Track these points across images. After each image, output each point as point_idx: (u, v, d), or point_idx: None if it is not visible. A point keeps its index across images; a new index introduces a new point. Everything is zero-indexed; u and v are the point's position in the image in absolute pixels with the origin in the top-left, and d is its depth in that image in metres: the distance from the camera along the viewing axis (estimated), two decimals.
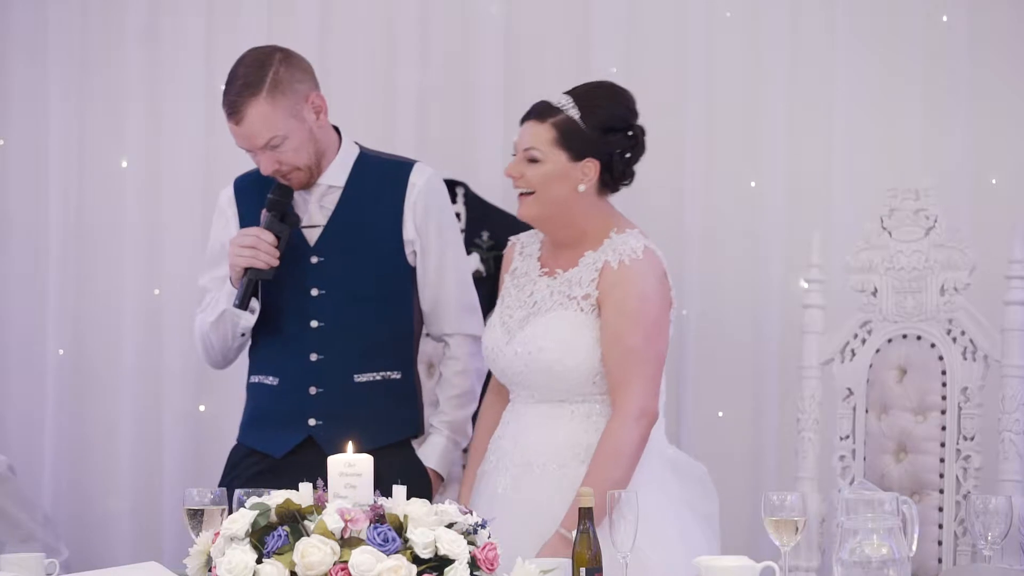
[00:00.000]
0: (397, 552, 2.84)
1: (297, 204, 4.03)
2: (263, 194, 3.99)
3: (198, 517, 3.26)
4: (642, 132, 3.85)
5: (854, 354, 4.37)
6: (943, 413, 4.22)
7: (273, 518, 2.90)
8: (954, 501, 4.17)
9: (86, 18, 5.34)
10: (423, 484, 3.99)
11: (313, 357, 4.00)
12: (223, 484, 3.98)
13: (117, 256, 5.30)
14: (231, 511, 3.09)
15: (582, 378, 3.76)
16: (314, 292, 4.01)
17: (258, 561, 2.85)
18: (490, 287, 4.77)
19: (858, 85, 4.86)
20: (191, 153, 5.23)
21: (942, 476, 4.20)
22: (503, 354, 3.83)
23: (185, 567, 3.02)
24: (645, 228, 3.87)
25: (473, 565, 2.89)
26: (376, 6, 5.20)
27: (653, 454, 3.76)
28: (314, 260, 4.01)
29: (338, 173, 4.04)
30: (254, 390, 4.11)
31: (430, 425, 4.12)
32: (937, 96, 4.80)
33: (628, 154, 3.82)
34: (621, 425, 3.69)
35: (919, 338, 4.28)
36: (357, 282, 4.00)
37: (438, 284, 4.07)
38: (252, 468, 4.03)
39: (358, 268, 4.00)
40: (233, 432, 4.16)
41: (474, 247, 4.85)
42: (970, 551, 4.11)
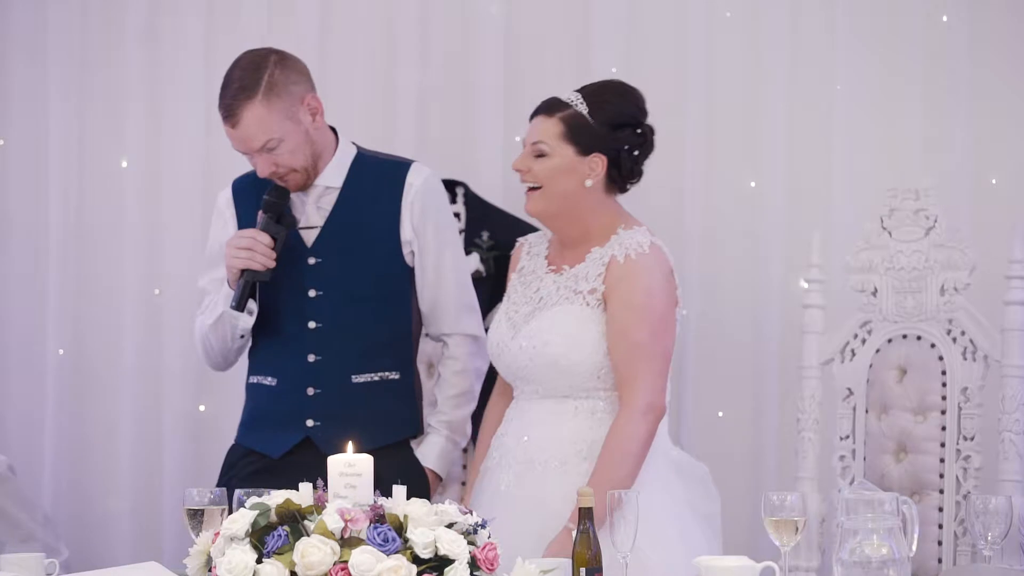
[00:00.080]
0: (397, 552, 2.84)
1: (294, 205, 4.03)
2: (261, 195, 3.99)
3: (198, 517, 3.26)
4: (651, 131, 3.85)
5: (854, 354, 4.37)
6: (943, 413, 4.22)
7: (273, 518, 2.90)
8: (954, 501, 4.17)
9: (86, 18, 5.34)
10: (421, 484, 3.99)
11: (311, 358, 4.00)
12: (221, 484, 3.99)
13: (117, 256, 5.30)
14: (231, 511, 3.09)
15: (587, 372, 3.75)
16: (312, 293, 4.00)
17: (258, 561, 2.85)
18: (490, 287, 4.77)
19: (858, 85, 4.85)
20: (191, 153, 5.23)
21: (942, 476, 4.20)
22: (508, 349, 3.83)
23: (185, 567, 3.02)
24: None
25: (473, 565, 2.89)
26: (376, 6, 5.19)
27: (658, 454, 3.75)
28: (311, 261, 4.01)
29: (335, 174, 4.04)
30: (253, 391, 4.11)
31: (428, 425, 4.12)
32: (937, 96, 4.79)
33: (636, 151, 3.81)
34: (628, 420, 3.68)
35: (919, 338, 4.28)
36: (355, 283, 4.00)
37: (436, 284, 4.07)
38: (249, 467, 4.03)
39: (355, 269, 3.99)
40: (233, 432, 4.16)
41: (474, 247, 4.85)
42: (970, 551, 4.10)
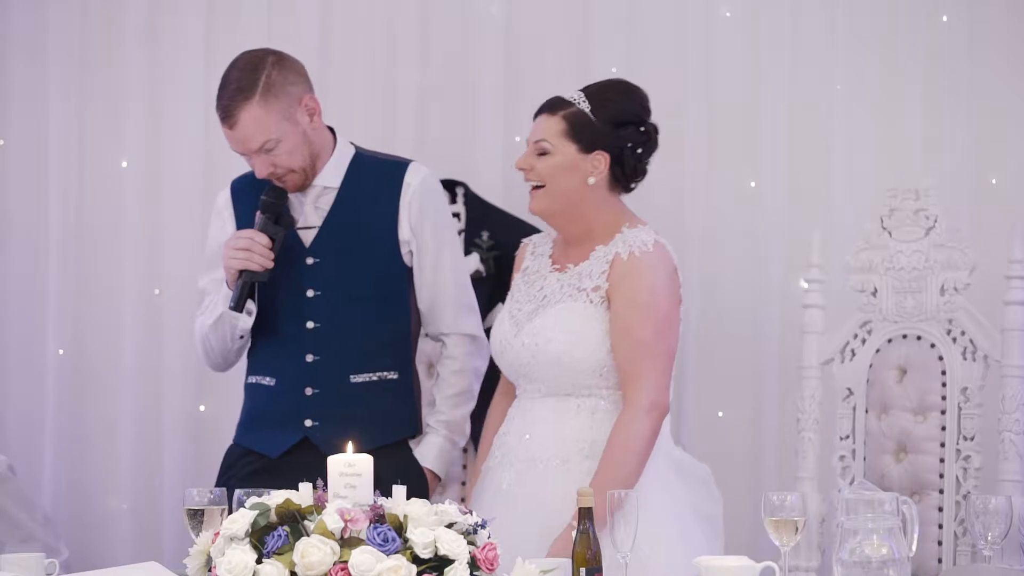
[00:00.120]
0: (397, 552, 2.84)
1: (293, 205, 4.03)
2: (259, 196, 3.98)
3: (198, 517, 3.26)
4: (654, 129, 3.84)
5: (854, 354, 4.37)
6: (943, 413, 4.22)
7: (273, 518, 2.90)
8: (954, 501, 4.17)
9: (86, 18, 5.34)
10: (420, 484, 3.98)
11: (309, 358, 4.00)
12: (219, 484, 3.98)
13: (117, 256, 5.30)
14: (231, 511, 3.09)
15: (589, 370, 3.75)
16: (310, 293, 4.00)
17: (258, 561, 2.85)
18: (490, 287, 4.77)
19: (858, 85, 4.85)
20: (191, 153, 5.23)
21: (942, 476, 4.20)
22: (511, 346, 3.83)
23: (185, 567, 3.02)
24: None
25: (473, 565, 2.89)
26: (376, 6, 5.19)
27: (659, 453, 3.75)
28: (310, 261, 4.01)
29: (333, 174, 4.04)
30: (251, 390, 4.11)
31: (427, 425, 4.11)
32: (937, 96, 4.79)
33: (639, 149, 3.81)
34: (632, 418, 3.68)
35: (919, 338, 4.28)
36: (353, 283, 4.00)
37: (434, 284, 4.07)
38: (248, 468, 4.03)
39: (354, 269, 3.99)
40: (233, 432, 4.16)
41: (474, 247, 4.84)
42: (970, 551, 4.11)
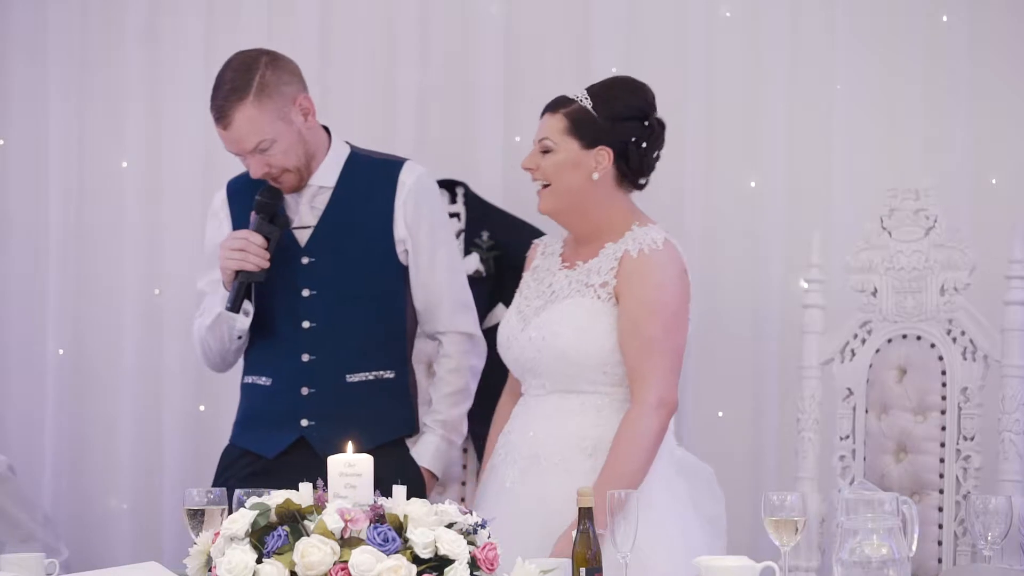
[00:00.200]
0: (397, 552, 2.84)
1: (288, 205, 4.03)
2: (255, 196, 3.99)
3: (198, 517, 3.26)
4: (659, 124, 3.85)
5: (854, 354, 4.37)
6: (943, 413, 4.22)
7: (273, 518, 2.90)
8: (954, 501, 4.17)
9: (86, 18, 5.34)
10: (417, 483, 3.98)
11: (305, 357, 4.00)
12: (216, 485, 3.97)
13: (117, 256, 5.30)
14: (231, 511, 3.09)
15: (595, 365, 3.75)
16: (305, 293, 4.00)
17: (258, 561, 2.85)
18: (490, 287, 4.77)
19: (858, 85, 4.85)
20: (191, 153, 5.23)
21: (942, 476, 4.20)
22: (517, 341, 3.83)
23: (185, 567, 3.02)
24: None
25: (473, 565, 2.89)
26: (376, 6, 5.19)
27: (664, 452, 3.75)
28: (305, 261, 4.01)
29: (328, 173, 4.04)
30: (247, 390, 4.11)
31: (424, 424, 4.10)
32: (937, 96, 4.79)
33: (644, 143, 3.81)
34: (640, 414, 3.68)
35: (919, 338, 4.27)
36: (348, 282, 3.99)
37: (430, 282, 4.06)
38: (245, 470, 4.03)
39: (349, 268, 3.99)
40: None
41: (474, 247, 4.84)
42: (970, 551, 4.10)
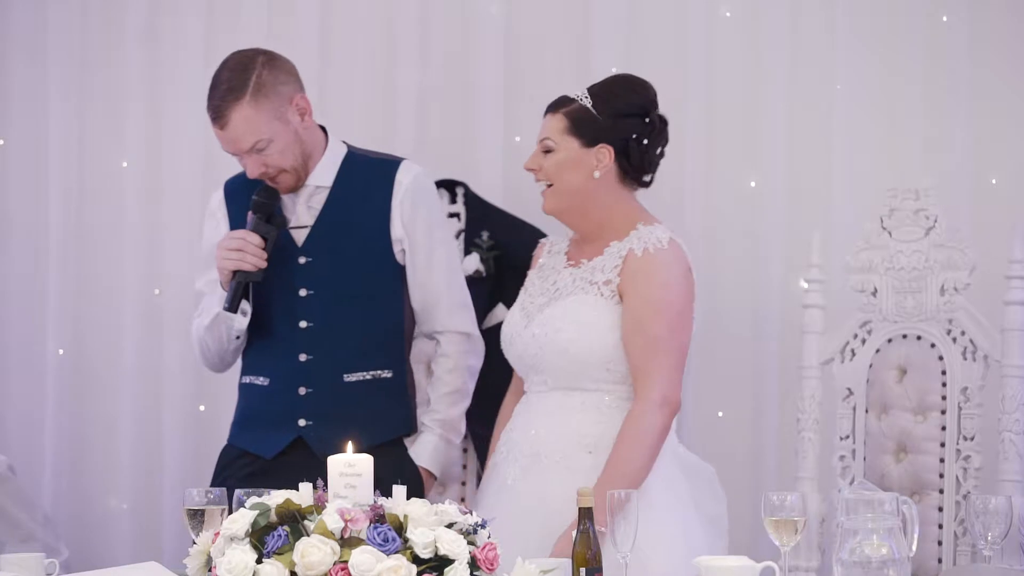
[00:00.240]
0: (397, 552, 2.84)
1: (285, 205, 4.03)
2: (252, 196, 3.98)
3: (198, 517, 3.26)
4: (661, 120, 3.85)
5: (854, 354, 4.37)
6: (943, 413, 4.22)
7: (273, 518, 2.90)
8: (954, 501, 4.17)
9: (86, 18, 5.34)
10: (415, 483, 3.97)
11: (302, 357, 4.00)
12: (214, 485, 3.97)
13: (117, 256, 5.30)
14: (231, 511, 3.09)
15: (597, 362, 3.75)
16: (302, 292, 4.00)
17: (258, 561, 2.85)
18: (490, 287, 4.76)
19: (858, 85, 4.85)
20: (191, 153, 5.23)
21: (942, 476, 4.20)
22: (520, 337, 3.83)
23: (185, 567, 3.02)
24: None
25: (473, 565, 2.89)
26: (376, 6, 5.19)
27: (666, 452, 3.75)
28: (302, 260, 4.01)
29: (325, 173, 4.04)
30: (245, 391, 4.11)
31: (422, 424, 4.10)
32: (937, 96, 4.79)
33: (645, 140, 3.81)
34: (644, 411, 3.68)
35: (919, 338, 4.27)
36: (345, 282, 3.99)
37: (427, 282, 4.06)
38: (244, 470, 4.03)
39: (346, 268, 3.99)
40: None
41: (474, 247, 4.84)
42: (970, 551, 4.10)
